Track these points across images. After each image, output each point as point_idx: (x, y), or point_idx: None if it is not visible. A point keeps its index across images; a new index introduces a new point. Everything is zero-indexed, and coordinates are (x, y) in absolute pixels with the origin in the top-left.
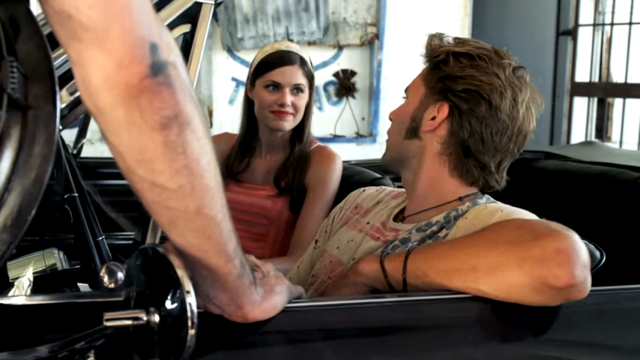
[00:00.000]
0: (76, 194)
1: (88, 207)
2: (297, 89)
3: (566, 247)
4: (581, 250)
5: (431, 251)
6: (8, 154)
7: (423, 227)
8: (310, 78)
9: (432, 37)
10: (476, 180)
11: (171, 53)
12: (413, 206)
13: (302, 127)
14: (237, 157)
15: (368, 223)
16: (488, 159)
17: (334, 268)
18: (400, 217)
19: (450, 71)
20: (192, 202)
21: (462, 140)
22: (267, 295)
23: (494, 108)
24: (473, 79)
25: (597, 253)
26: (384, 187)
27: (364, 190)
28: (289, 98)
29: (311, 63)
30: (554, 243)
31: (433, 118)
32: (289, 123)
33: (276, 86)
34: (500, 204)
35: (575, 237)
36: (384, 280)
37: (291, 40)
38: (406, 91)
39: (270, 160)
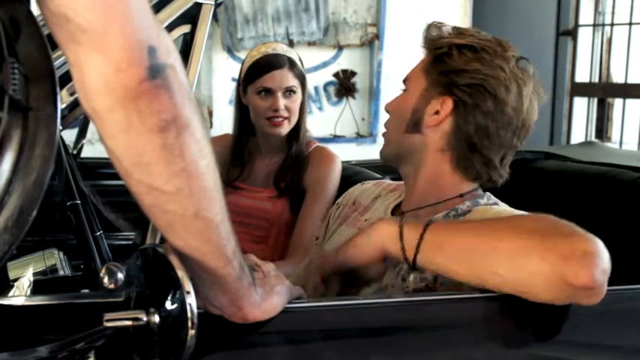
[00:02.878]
0: (79, 201)
1: (90, 211)
2: (289, 92)
3: (593, 250)
4: (605, 256)
5: (453, 226)
6: (9, 156)
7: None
8: (301, 78)
9: (430, 26)
10: (479, 175)
11: (170, 56)
12: (412, 202)
13: (297, 127)
14: (233, 161)
15: (366, 220)
16: (493, 154)
17: None
18: (398, 211)
19: (454, 65)
20: (190, 205)
21: (467, 135)
22: (267, 296)
23: (500, 102)
24: (477, 73)
25: None
26: (382, 180)
27: (362, 184)
28: (282, 102)
29: (301, 61)
30: (583, 244)
31: (436, 113)
32: (285, 128)
33: (268, 91)
34: (503, 206)
35: (601, 244)
36: (399, 243)
37: (291, 41)
38: (405, 81)
39: (269, 163)
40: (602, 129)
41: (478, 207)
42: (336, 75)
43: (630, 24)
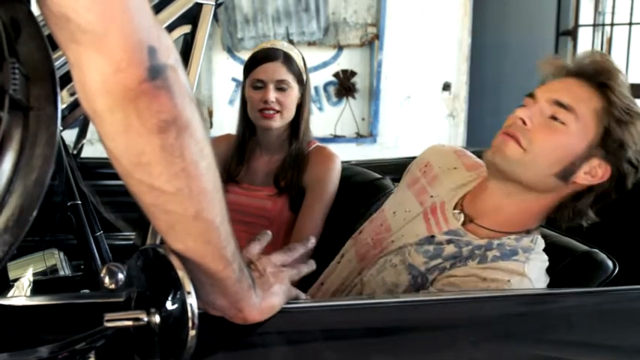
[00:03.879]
0: (79, 202)
1: (90, 211)
2: (281, 85)
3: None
4: None
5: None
6: (10, 156)
7: (461, 244)
8: (298, 74)
9: (618, 73)
10: (563, 222)
11: (171, 56)
12: (480, 216)
13: (297, 126)
14: (234, 159)
15: (432, 196)
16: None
17: (380, 232)
18: (460, 203)
19: (638, 143)
20: (190, 205)
21: (596, 201)
22: (266, 296)
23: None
24: None
25: (610, 263)
26: (464, 150)
27: (440, 146)
28: (273, 95)
29: (304, 60)
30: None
31: (590, 173)
32: (276, 122)
33: (261, 83)
34: (529, 264)
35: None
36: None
37: (291, 41)
38: (563, 106)
39: (269, 161)
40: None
41: (502, 261)
42: (336, 75)
43: (630, 24)
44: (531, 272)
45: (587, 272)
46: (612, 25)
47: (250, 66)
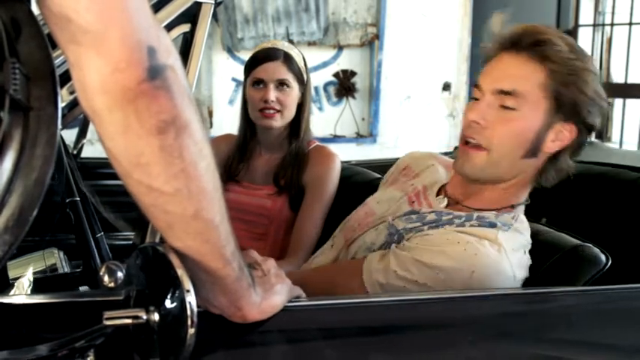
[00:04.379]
0: (78, 198)
1: (90, 210)
2: (281, 85)
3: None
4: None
5: None
6: (10, 156)
7: (442, 214)
8: (298, 74)
9: (549, 39)
10: (550, 183)
11: (170, 56)
12: (466, 198)
13: (298, 125)
14: (235, 158)
15: (412, 184)
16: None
17: (366, 217)
18: (443, 191)
19: (590, 95)
20: (189, 205)
21: (571, 155)
22: (267, 295)
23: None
24: (602, 100)
25: (602, 257)
26: (438, 154)
27: (413, 153)
28: (273, 94)
29: (304, 60)
30: None
31: (556, 137)
32: (277, 121)
33: (261, 83)
34: (509, 233)
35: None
36: None
37: (291, 41)
38: (507, 93)
39: (269, 160)
40: (602, 129)
41: (477, 228)
42: (336, 75)
43: (630, 24)
44: (506, 242)
45: (580, 266)
46: (612, 25)
47: (251, 65)
